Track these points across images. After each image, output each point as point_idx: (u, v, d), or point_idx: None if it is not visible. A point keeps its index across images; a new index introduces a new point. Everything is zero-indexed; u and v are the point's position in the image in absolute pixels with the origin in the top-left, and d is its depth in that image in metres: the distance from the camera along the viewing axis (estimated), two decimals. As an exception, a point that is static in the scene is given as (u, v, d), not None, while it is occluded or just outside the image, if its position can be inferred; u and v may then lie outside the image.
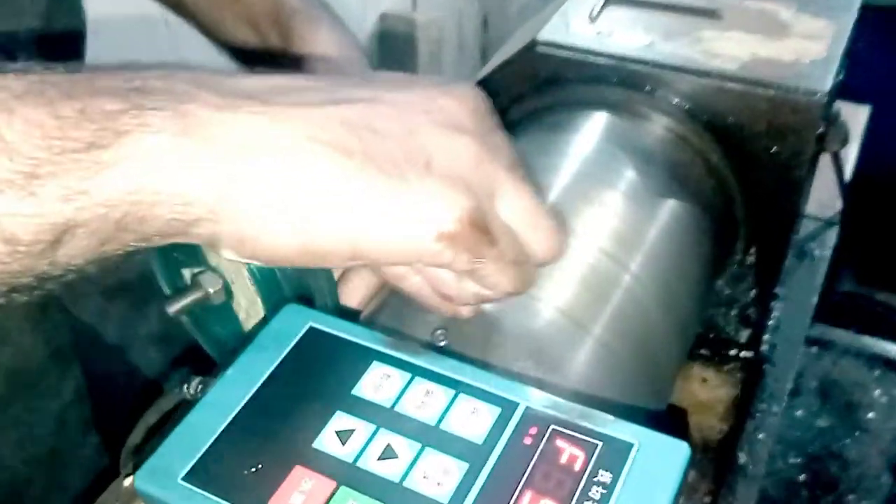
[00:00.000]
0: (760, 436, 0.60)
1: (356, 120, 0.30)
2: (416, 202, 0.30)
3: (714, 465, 0.60)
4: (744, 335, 0.64)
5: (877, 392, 1.07)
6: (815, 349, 1.10)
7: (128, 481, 0.35)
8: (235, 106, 0.29)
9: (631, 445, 0.30)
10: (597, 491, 0.29)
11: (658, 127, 0.54)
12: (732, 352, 0.64)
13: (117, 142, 0.27)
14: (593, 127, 0.54)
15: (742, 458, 0.58)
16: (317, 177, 0.29)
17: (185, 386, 0.35)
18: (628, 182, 0.51)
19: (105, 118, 0.27)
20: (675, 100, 0.53)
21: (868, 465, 1.06)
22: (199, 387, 0.35)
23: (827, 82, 0.49)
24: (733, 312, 0.63)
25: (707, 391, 0.64)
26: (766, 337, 0.66)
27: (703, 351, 0.64)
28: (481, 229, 0.32)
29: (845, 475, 1.06)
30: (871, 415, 1.06)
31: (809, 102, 0.49)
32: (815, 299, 0.69)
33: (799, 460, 1.06)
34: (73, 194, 0.26)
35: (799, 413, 1.10)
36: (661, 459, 0.30)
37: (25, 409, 0.56)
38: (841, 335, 1.06)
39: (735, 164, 0.54)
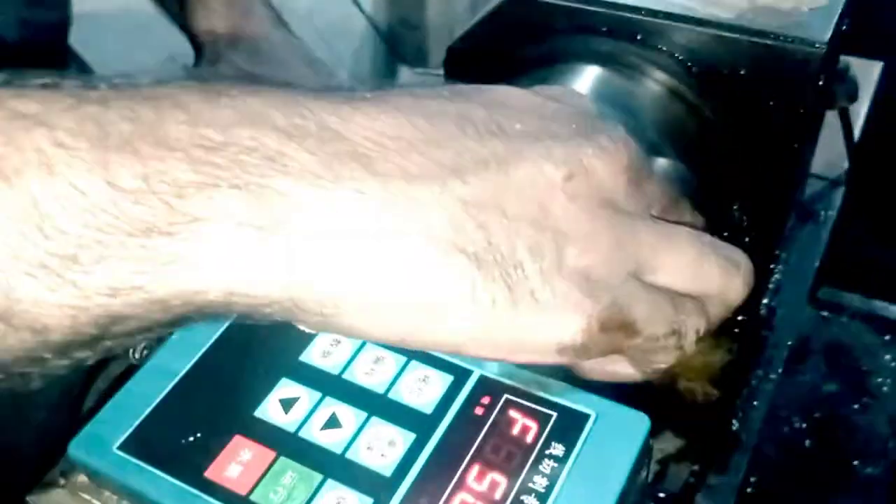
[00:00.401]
0: (755, 403, 0.58)
1: (484, 200, 0.24)
2: (537, 318, 0.24)
3: (705, 432, 0.58)
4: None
5: (886, 357, 1.05)
6: (823, 313, 1.07)
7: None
8: (337, 177, 0.23)
9: (587, 416, 0.28)
10: (548, 464, 0.27)
11: (649, 80, 0.51)
12: (729, 315, 0.62)
13: (186, 231, 0.21)
14: (581, 81, 0.51)
15: (735, 425, 0.57)
16: (427, 284, 0.23)
17: (131, 350, 0.33)
18: (617, 139, 0.48)
19: (172, 193, 0.21)
20: (668, 51, 0.50)
21: (875, 431, 1.04)
22: (144, 351, 0.33)
23: (827, 32, 0.46)
24: (730, 275, 0.61)
25: (702, 356, 0.62)
26: (764, 301, 0.64)
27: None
28: (617, 328, 0.26)
29: (851, 441, 1.04)
30: (879, 380, 1.04)
31: (808, 53, 0.46)
32: (818, 262, 0.67)
33: (804, 426, 1.04)
34: (122, 288, 0.21)
35: (806, 378, 1.08)
36: (619, 431, 0.28)
37: (16, 394, 0.55)
38: (850, 299, 1.04)
39: (731, 120, 0.51)
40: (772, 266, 0.62)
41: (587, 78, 0.51)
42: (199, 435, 0.29)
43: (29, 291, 0.20)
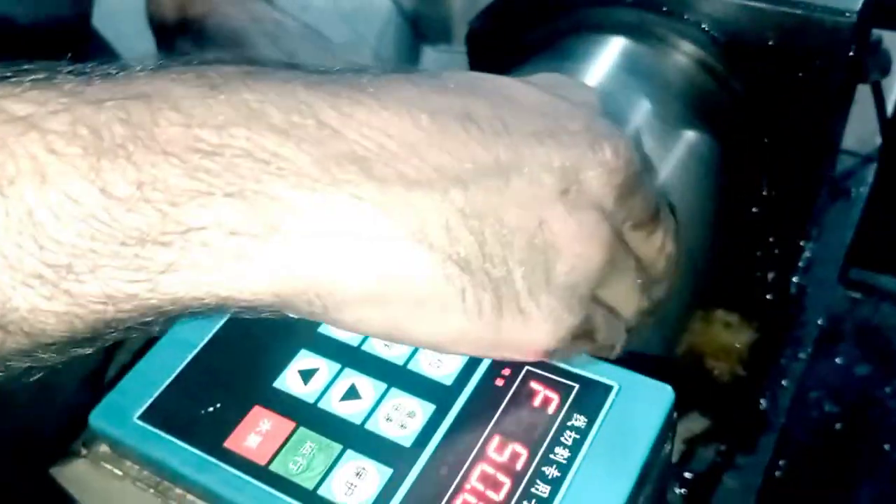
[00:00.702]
0: (784, 382, 0.57)
1: (482, 209, 0.24)
2: (519, 327, 0.25)
3: (733, 411, 0.57)
4: (770, 277, 0.61)
5: (919, 339, 1.03)
6: (854, 294, 1.06)
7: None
8: (333, 180, 0.22)
9: (610, 388, 0.28)
10: (569, 436, 0.27)
11: (676, 52, 0.50)
12: (757, 294, 0.61)
13: (180, 240, 0.21)
14: (607, 54, 0.50)
15: (763, 404, 0.56)
16: (417, 289, 0.23)
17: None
18: (642, 114, 0.47)
19: (165, 200, 0.21)
20: (695, 21, 0.49)
21: (908, 414, 1.02)
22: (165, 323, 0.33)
23: (857, 1, 0.45)
24: (759, 252, 0.60)
25: (729, 335, 0.61)
26: (794, 279, 0.63)
27: (726, 293, 0.61)
28: (583, 336, 0.27)
29: (884, 424, 1.02)
30: (912, 362, 1.02)
31: (837, 23, 0.45)
32: (849, 239, 0.65)
33: (836, 409, 1.03)
34: (117, 296, 0.21)
35: (837, 360, 1.06)
36: (643, 403, 0.27)
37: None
38: (882, 280, 1.02)
39: (760, 92, 0.50)
40: (801, 243, 0.61)
41: (613, 49, 0.50)
42: (218, 405, 0.29)
43: (24, 300, 0.20)
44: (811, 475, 0.98)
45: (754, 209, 0.56)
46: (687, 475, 0.54)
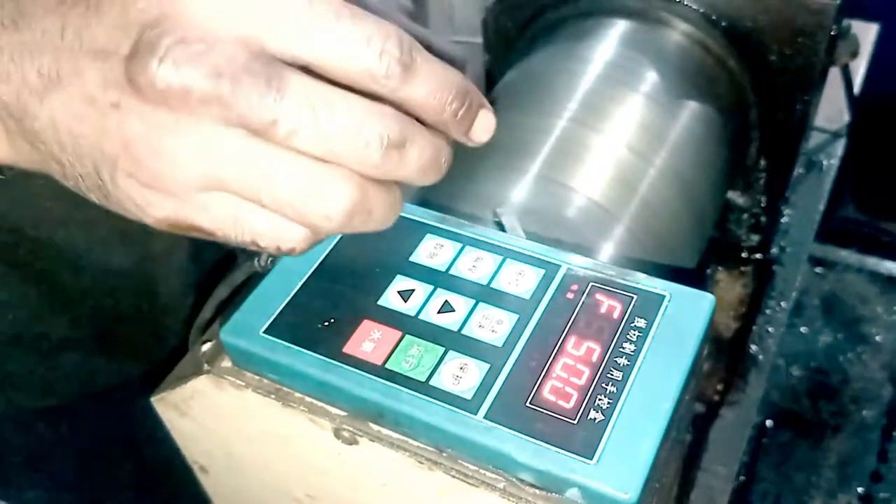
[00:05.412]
0: (770, 329, 0.64)
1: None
2: None
3: (727, 357, 0.64)
4: (754, 240, 0.68)
5: (879, 308, 1.11)
6: (819, 269, 1.14)
7: (205, 347, 0.39)
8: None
9: (663, 297, 0.34)
10: (634, 334, 0.33)
11: (677, 33, 0.56)
12: (744, 255, 0.68)
13: None
14: (615, 34, 0.57)
15: (753, 348, 0.62)
16: None
17: (256, 260, 0.38)
18: (650, 85, 0.54)
19: None
20: (694, 5, 0.56)
21: (870, 377, 1.11)
22: (269, 260, 0.38)
23: (840, -13, 0.52)
24: (745, 217, 0.67)
25: (719, 292, 0.68)
26: (775, 241, 0.70)
27: (716, 255, 0.68)
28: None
29: (847, 387, 1.11)
30: (873, 330, 1.11)
31: (823, 4, 0.51)
32: (822, 206, 0.73)
33: (802, 373, 1.11)
34: None
35: (803, 329, 1.14)
36: (689, 308, 0.33)
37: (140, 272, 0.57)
38: (844, 255, 1.10)
39: (751, 70, 0.57)
40: (781, 208, 0.68)
41: (620, 31, 0.56)
42: (332, 320, 0.34)
43: None
44: (786, 431, 1.05)
45: (744, 178, 0.62)
46: (690, 411, 0.60)
